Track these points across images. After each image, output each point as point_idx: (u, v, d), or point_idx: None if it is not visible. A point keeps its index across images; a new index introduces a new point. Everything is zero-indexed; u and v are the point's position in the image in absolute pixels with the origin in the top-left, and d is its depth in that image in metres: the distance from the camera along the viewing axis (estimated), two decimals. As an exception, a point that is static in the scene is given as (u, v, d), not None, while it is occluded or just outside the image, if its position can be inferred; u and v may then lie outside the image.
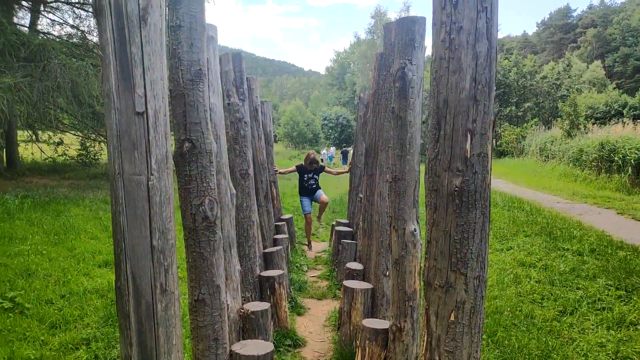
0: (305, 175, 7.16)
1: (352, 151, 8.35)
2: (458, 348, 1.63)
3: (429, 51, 15.84)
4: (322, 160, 26.76)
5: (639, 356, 3.50)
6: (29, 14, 13.40)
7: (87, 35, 12.95)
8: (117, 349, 3.45)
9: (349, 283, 3.66)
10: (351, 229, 6.19)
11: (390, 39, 3.32)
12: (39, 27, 13.22)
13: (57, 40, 11.95)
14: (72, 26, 13.33)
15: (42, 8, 13.07)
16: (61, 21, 13.38)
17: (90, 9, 12.48)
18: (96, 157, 16.00)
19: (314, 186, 7.25)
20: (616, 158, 13.52)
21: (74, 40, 12.87)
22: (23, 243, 6.13)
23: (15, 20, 12.02)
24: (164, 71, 1.53)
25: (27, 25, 13.02)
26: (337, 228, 6.26)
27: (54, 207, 8.68)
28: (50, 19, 13.46)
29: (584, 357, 3.47)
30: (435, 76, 1.68)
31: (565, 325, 4.06)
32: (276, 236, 5.65)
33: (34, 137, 14.22)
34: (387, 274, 3.41)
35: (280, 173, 7.31)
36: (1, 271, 4.93)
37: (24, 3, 12.68)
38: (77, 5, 12.98)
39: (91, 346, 3.45)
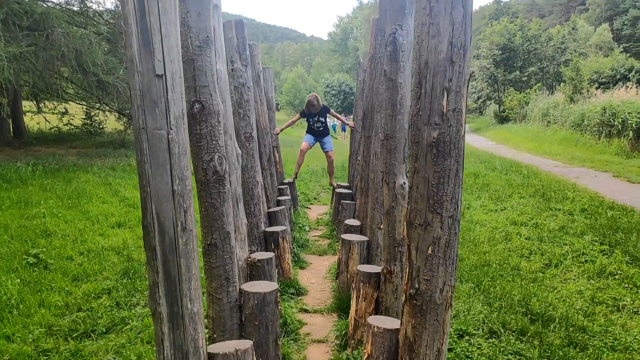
0: (311, 120, 7.25)
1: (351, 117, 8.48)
2: (434, 277, 1.91)
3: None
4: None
5: (613, 301, 3.81)
6: (29, -18, 13.31)
7: (86, 2, 12.90)
8: (136, 297, 3.79)
9: (347, 236, 3.96)
10: (351, 191, 6.47)
11: (384, 5, 3.47)
12: (39, -4, 13.15)
13: (58, 8, 11.94)
14: (71, -7, 13.24)
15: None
16: (60, -12, 13.30)
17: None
18: (101, 127, 16.17)
19: (321, 129, 7.29)
20: (616, 122, 13.62)
21: (74, 7, 12.83)
22: (38, 207, 6.45)
23: (15, -12, 11.97)
24: (178, 38, 1.75)
25: (28, -6, 12.96)
26: (338, 190, 6.53)
27: (64, 174, 8.97)
28: (49, -14, 13.37)
29: (562, 303, 3.77)
30: (418, 40, 1.90)
31: (548, 276, 4.36)
32: (279, 197, 5.94)
33: (39, 107, 14.37)
34: (381, 227, 3.69)
35: (285, 127, 7.31)
36: (22, 232, 5.25)
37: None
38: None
39: (112, 295, 3.79)
